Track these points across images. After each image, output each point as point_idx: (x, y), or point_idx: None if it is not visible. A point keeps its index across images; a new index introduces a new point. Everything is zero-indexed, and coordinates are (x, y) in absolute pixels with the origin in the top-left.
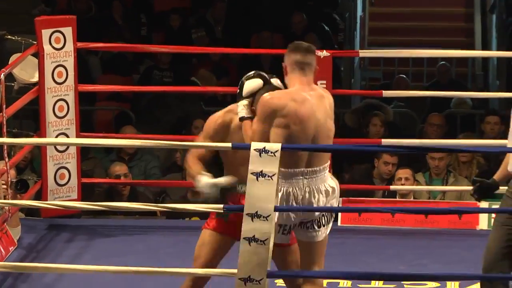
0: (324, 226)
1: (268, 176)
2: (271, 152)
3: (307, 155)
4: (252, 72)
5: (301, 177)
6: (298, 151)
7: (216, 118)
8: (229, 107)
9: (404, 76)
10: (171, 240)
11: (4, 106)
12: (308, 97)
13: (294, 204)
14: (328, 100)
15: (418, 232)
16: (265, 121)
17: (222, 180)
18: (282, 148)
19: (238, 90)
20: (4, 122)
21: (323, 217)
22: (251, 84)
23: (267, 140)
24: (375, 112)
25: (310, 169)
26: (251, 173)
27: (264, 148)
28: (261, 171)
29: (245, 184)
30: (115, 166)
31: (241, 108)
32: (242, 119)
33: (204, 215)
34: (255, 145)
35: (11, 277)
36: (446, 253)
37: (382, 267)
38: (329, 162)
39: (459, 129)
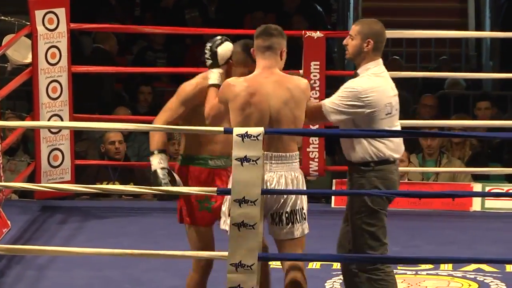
0: (293, 223)
1: (253, 161)
2: (254, 136)
3: (268, 139)
4: (219, 37)
5: (266, 161)
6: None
7: (195, 84)
8: (204, 73)
9: (398, 57)
10: (164, 221)
11: None
12: (264, 81)
13: None
14: (293, 86)
15: (412, 213)
16: (222, 102)
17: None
18: (265, 132)
19: (210, 59)
20: None
21: (291, 214)
22: (224, 49)
23: (221, 119)
24: None
25: (275, 153)
26: (236, 159)
27: (247, 132)
28: (245, 156)
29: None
30: (109, 133)
31: (215, 75)
32: (211, 85)
33: None
34: (237, 130)
35: (5, 259)
36: (440, 234)
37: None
38: (297, 152)
39: (452, 110)
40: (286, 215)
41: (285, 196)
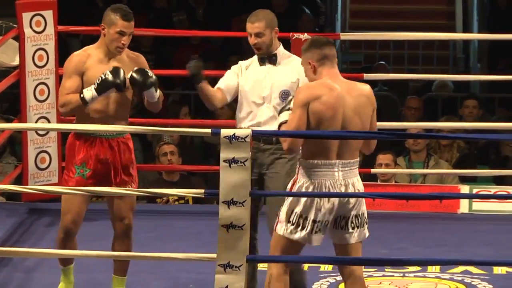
0: (357, 227)
1: (241, 162)
2: (241, 138)
3: (337, 146)
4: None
5: (336, 169)
6: (326, 140)
7: (79, 57)
8: (86, 48)
9: (384, 62)
10: (152, 224)
11: None
12: (339, 88)
13: (327, 199)
14: (359, 93)
15: (399, 215)
16: (302, 108)
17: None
18: (253, 133)
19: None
20: None
21: (356, 218)
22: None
23: (303, 126)
24: None
25: (344, 161)
26: (224, 161)
27: (234, 134)
28: (233, 158)
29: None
30: None
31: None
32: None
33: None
34: (224, 132)
35: None
36: (427, 237)
37: (363, 251)
38: (358, 159)
39: (440, 112)
40: (352, 219)
41: (350, 200)
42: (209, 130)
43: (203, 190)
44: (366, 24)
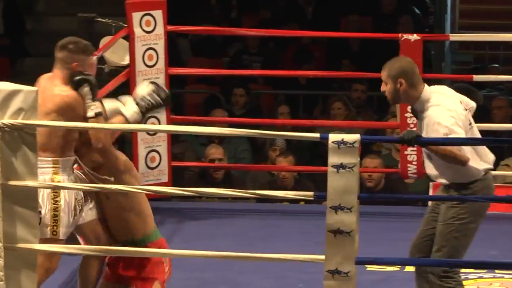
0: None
1: (349, 168)
2: (350, 144)
3: None
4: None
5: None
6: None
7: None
8: None
9: (497, 65)
10: (259, 223)
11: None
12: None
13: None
14: (47, 97)
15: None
16: None
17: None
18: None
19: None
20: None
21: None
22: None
23: None
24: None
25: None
26: (332, 166)
27: (343, 140)
28: (341, 163)
29: None
30: (211, 149)
31: None
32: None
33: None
34: (332, 137)
35: None
36: None
37: (472, 252)
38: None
39: None
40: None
41: None
42: (317, 135)
43: (312, 193)
44: (475, 24)
